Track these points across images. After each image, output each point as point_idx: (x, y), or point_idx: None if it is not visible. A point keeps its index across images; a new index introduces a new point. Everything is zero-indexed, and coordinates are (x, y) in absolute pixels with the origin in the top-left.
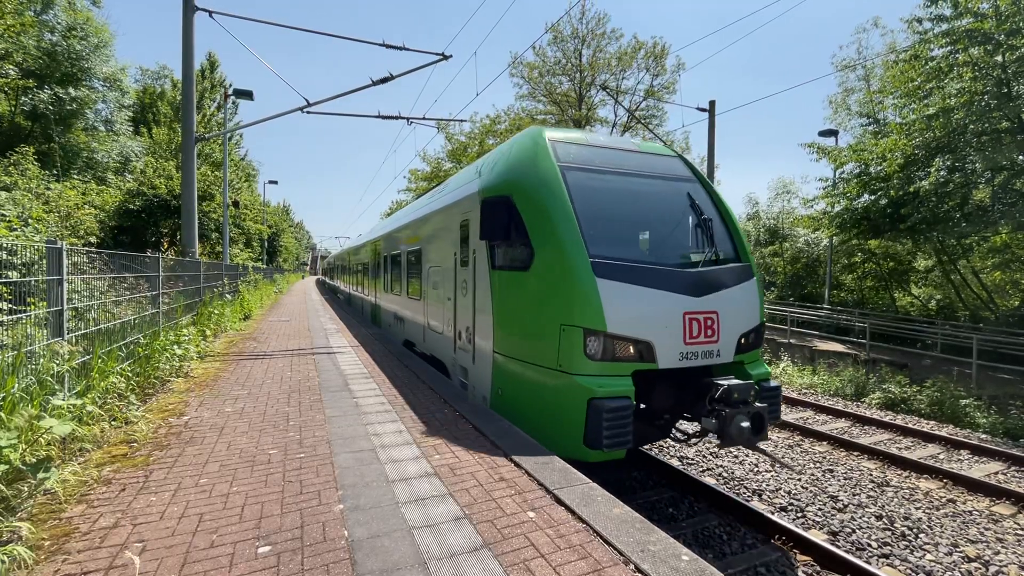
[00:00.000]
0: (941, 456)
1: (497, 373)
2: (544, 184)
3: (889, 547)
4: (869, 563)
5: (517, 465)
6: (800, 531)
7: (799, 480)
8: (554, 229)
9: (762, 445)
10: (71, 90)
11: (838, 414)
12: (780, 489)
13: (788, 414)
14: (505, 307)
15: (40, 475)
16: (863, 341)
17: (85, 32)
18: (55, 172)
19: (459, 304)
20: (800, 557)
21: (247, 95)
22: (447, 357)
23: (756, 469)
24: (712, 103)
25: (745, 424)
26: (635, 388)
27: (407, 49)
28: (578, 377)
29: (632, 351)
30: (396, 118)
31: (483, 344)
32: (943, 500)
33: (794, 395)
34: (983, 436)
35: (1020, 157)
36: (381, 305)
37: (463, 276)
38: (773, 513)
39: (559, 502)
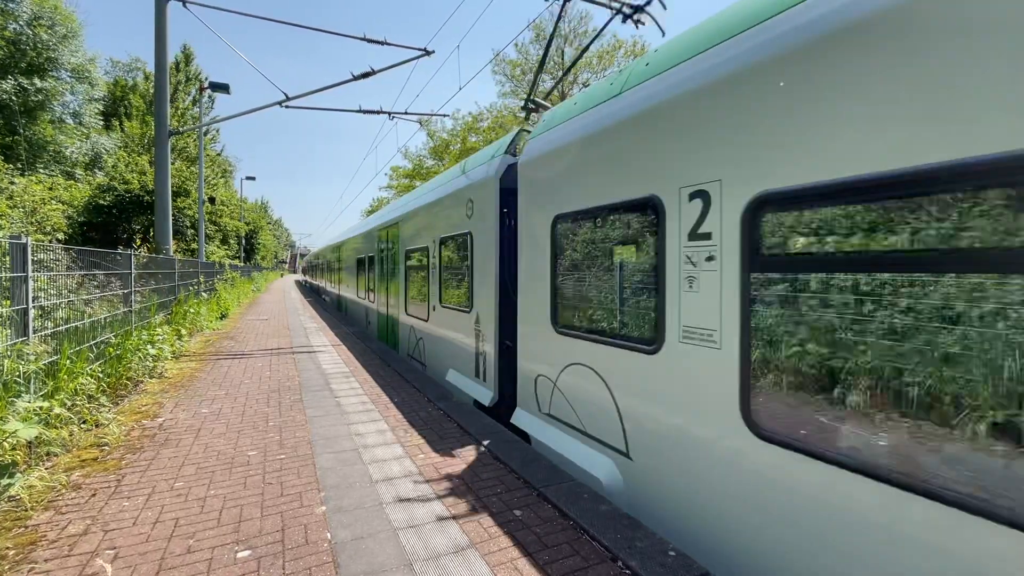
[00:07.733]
0: None
1: None
2: None
3: None
4: None
5: (503, 463)
6: None
7: None
8: None
9: None
10: (37, 80)
11: None
12: None
13: None
14: None
15: (3, 481)
16: None
17: (52, 20)
18: (20, 166)
19: None
20: None
21: (224, 88)
22: None
23: None
24: None
25: None
26: None
27: (389, 44)
28: None
29: None
30: (377, 113)
31: None
32: None
33: None
34: None
35: None
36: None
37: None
38: None
39: (545, 499)
